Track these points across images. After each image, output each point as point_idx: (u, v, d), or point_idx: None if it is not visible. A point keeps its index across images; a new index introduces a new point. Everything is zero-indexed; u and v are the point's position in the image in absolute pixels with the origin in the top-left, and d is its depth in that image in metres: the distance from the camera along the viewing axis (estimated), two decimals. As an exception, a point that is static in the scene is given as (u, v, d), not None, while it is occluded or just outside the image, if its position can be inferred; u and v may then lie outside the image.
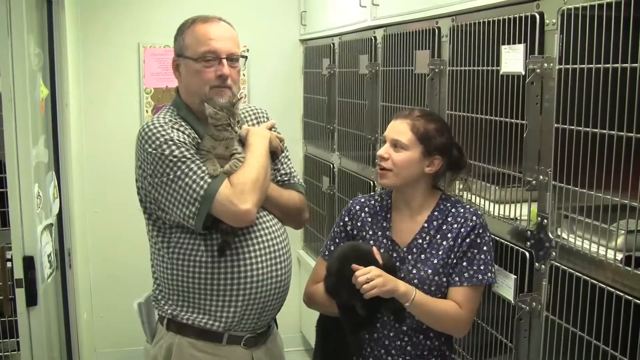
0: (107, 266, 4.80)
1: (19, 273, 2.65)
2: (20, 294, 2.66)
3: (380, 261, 2.16)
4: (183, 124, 2.30)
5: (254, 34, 4.96)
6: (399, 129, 2.26)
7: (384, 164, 2.25)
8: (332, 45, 4.36)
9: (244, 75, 4.99)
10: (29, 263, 2.66)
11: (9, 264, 2.79)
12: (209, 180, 2.17)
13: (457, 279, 2.19)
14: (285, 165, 2.54)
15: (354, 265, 2.11)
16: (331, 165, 4.46)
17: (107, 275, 4.78)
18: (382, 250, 2.26)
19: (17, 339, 2.78)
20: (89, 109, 4.67)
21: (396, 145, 2.24)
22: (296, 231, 5.20)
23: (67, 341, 3.67)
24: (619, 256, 1.90)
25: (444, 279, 2.21)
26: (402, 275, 2.23)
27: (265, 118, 2.59)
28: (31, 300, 2.68)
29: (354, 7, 3.78)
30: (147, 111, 4.72)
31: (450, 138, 2.31)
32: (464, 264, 2.20)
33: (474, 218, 2.23)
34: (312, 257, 4.91)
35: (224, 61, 2.31)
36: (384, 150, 2.27)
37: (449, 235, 2.23)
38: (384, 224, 2.34)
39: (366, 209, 2.39)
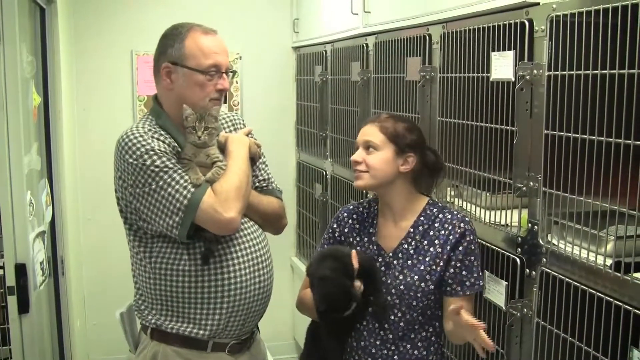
0: (100, 273, 4.79)
1: (10, 280, 2.63)
2: (12, 301, 2.65)
3: (356, 265, 2.17)
4: (162, 132, 2.29)
5: (247, 41, 4.99)
6: (369, 132, 2.27)
7: (359, 167, 2.27)
8: (324, 52, 4.37)
9: (236, 82, 5.00)
10: (21, 270, 2.65)
11: (0, 272, 2.78)
12: (192, 189, 2.17)
13: (458, 288, 2.19)
14: (263, 172, 2.54)
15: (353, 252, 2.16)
16: (324, 172, 4.47)
17: (100, 282, 4.77)
18: (369, 254, 2.27)
19: (9, 347, 2.77)
20: (82, 117, 4.68)
21: (368, 147, 2.26)
22: (289, 238, 5.25)
23: (59, 349, 3.67)
24: (609, 262, 1.91)
25: (431, 286, 2.21)
26: (389, 281, 2.24)
27: (242, 125, 2.59)
28: (23, 307, 2.66)
29: (346, 15, 3.80)
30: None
31: (421, 136, 2.32)
32: (464, 272, 2.20)
33: (462, 225, 2.23)
34: (305, 264, 4.91)
35: (224, 75, 2.32)
36: (357, 155, 2.28)
37: (436, 241, 2.23)
38: (370, 230, 2.34)
39: (354, 215, 2.40)
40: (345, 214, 2.42)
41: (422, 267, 2.21)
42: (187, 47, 2.28)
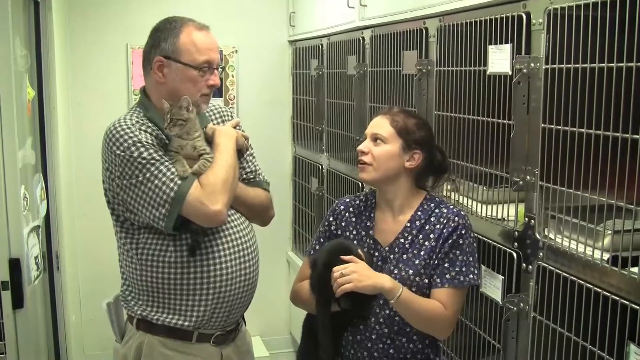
0: (96, 268, 4.77)
1: (4, 275, 2.63)
2: (6, 296, 2.65)
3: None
4: (150, 125, 2.29)
5: (243, 35, 4.97)
6: (379, 124, 2.29)
7: (364, 158, 2.27)
8: (320, 46, 4.36)
9: (232, 76, 4.98)
10: (15, 265, 2.65)
11: (-6, 267, 2.77)
12: (179, 181, 2.17)
13: (438, 280, 2.19)
14: (250, 163, 2.54)
15: (343, 257, 2.12)
16: (320, 167, 4.46)
17: (95, 277, 4.75)
18: (365, 250, 2.26)
19: (3, 342, 2.76)
20: (77, 111, 4.66)
21: (376, 139, 2.27)
22: (285, 233, 5.24)
23: (55, 344, 3.66)
24: (606, 256, 1.90)
25: (426, 280, 2.20)
26: None
27: (230, 117, 2.59)
28: (17, 302, 2.67)
29: (342, 8, 3.78)
30: (135, 113, 4.70)
31: (430, 133, 2.33)
32: (446, 265, 2.20)
33: (456, 218, 2.23)
34: (301, 259, 4.90)
35: (215, 71, 2.33)
36: (364, 145, 2.29)
37: (431, 235, 2.23)
38: (368, 224, 2.34)
39: (351, 208, 2.40)
40: (342, 207, 2.41)
41: (417, 262, 2.21)
42: (181, 42, 2.28)
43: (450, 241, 2.20)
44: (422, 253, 2.22)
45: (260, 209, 2.51)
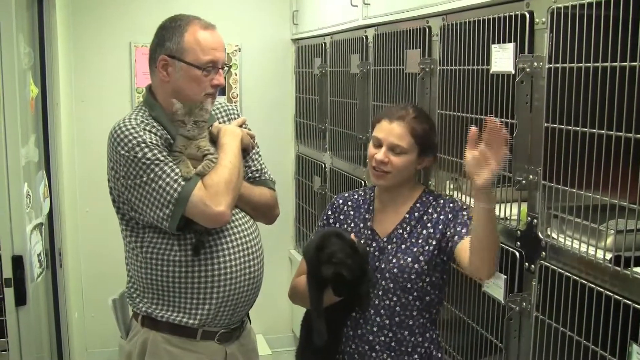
0: (99, 265, 4.78)
1: (7, 272, 2.64)
2: (9, 293, 2.65)
3: (359, 250, 2.18)
4: (155, 124, 2.29)
5: (246, 33, 4.97)
6: (398, 132, 2.27)
7: (384, 167, 2.27)
8: (323, 44, 4.36)
9: (235, 74, 4.98)
10: (18, 262, 2.65)
11: (-3, 264, 2.78)
12: (183, 182, 2.17)
13: (457, 237, 2.18)
14: (256, 162, 2.54)
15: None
16: (323, 165, 4.46)
17: (98, 274, 4.76)
18: (362, 241, 2.28)
19: (6, 339, 2.76)
20: (80, 108, 4.66)
21: (394, 149, 2.26)
22: (288, 231, 5.24)
23: (57, 341, 3.66)
24: (609, 256, 1.90)
25: (424, 267, 2.23)
26: (383, 266, 2.25)
27: (236, 115, 2.59)
28: (20, 299, 2.67)
29: (346, 7, 3.78)
30: (138, 110, 4.70)
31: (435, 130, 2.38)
32: (458, 228, 2.21)
33: (451, 204, 2.29)
34: (304, 257, 4.90)
35: (220, 71, 2.33)
36: (383, 155, 2.27)
37: (429, 224, 2.28)
38: (366, 216, 2.37)
39: (349, 202, 2.44)
40: (341, 201, 2.45)
41: (415, 249, 2.24)
42: (186, 41, 2.27)
43: (450, 216, 2.25)
44: (420, 241, 2.26)
45: (265, 208, 2.51)
